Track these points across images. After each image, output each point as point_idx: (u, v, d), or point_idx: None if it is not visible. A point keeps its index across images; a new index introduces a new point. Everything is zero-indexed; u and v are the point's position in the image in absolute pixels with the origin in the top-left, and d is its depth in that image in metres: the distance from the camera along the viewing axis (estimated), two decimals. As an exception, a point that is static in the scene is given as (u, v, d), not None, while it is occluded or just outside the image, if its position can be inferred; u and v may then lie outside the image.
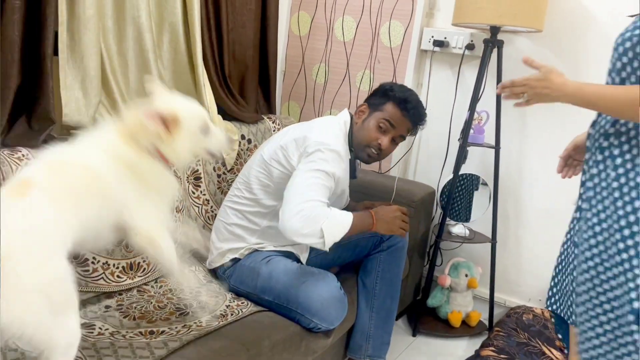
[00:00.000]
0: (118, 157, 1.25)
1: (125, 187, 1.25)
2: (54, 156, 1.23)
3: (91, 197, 1.21)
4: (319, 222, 1.57)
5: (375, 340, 1.91)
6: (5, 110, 1.51)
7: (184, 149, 1.33)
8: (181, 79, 2.10)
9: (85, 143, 1.28)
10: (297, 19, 2.76)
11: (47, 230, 1.10)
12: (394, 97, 1.80)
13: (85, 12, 1.66)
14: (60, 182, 1.17)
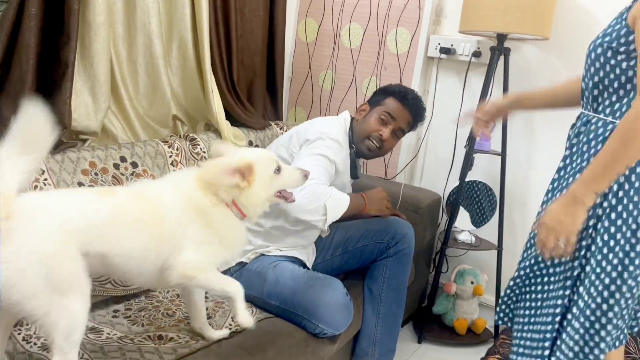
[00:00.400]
0: (191, 201, 1.32)
1: (186, 230, 1.31)
2: (139, 186, 1.38)
3: (144, 232, 1.27)
4: (322, 199, 1.66)
5: (381, 346, 1.91)
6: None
7: (260, 195, 1.38)
8: (190, 86, 2.11)
9: (165, 182, 1.39)
10: (304, 25, 2.77)
11: (81, 225, 1.18)
12: (394, 92, 1.90)
13: (96, 18, 1.68)
14: (126, 207, 1.27)
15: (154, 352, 1.39)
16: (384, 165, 2.62)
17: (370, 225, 1.96)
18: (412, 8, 2.47)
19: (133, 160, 1.78)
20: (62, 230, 1.14)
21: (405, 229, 1.93)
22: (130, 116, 1.94)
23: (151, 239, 1.28)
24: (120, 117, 1.92)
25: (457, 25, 2.22)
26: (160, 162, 1.86)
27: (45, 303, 1.10)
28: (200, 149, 2.04)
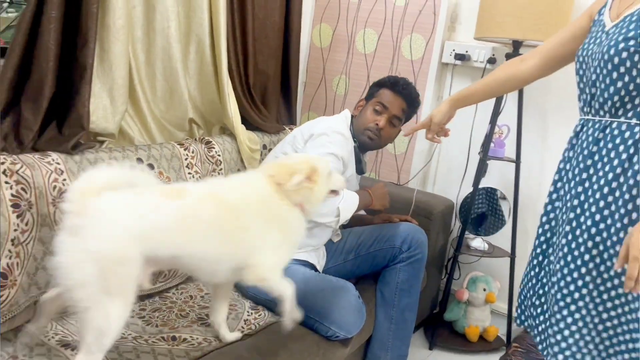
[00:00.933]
0: (269, 205, 1.38)
1: (266, 236, 1.36)
2: (210, 186, 1.40)
3: (220, 236, 1.31)
4: (336, 202, 1.72)
5: (393, 351, 1.91)
6: (38, 117, 1.55)
7: (320, 195, 1.47)
8: (206, 89, 2.13)
9: (239, 184, 1.42)
10: (318, 31, 2.79)
11: (145, 230, 1.22)
12: (385, 82, 1.98)
13: (116, 22, 1.70)
14: (198, 210, 1.30)
15: (167, 355, 1.40)
16: (396, 170, 2.62)
17: (383, 230, 1.96)
18: (427, 14, 2.48)
19: (149, 162, 1.80)
20: (125, 236, 1.19)
21: (418, 234, 1.94)
22: (147, 119, 1.96)
23: (227, 243, 1.32)
24: (137, 119, 1.95)
25: (472, 32, 2.23)
26: (176, 165, 1.87)
27: (89, 298, 1.15)
28: (216, 152, 2.05)
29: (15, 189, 1.44)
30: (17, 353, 1.34)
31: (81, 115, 1.61)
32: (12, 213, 1.42)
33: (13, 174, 1.44)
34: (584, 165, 1.34)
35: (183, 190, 1.34)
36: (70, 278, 1.16)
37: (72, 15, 1.60)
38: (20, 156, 1.49)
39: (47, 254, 1.50)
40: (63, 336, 1.44)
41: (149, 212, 1.25)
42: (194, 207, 1.30)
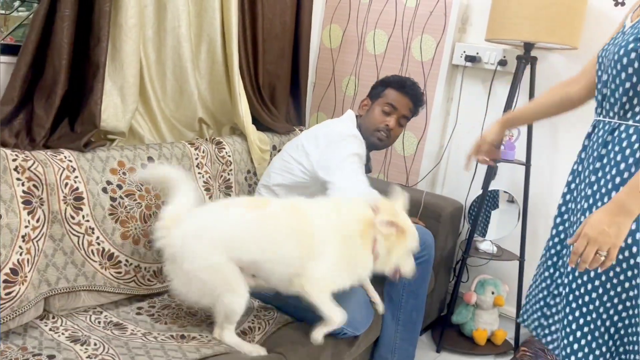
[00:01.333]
0: (343, 225, 1.48)
1: (327, 248, 1.46)
2: (293, 201, 1.55)
3: (288, 241, 1.46)
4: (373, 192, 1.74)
5: (400, 353, 1.90)
6: (50, 114, 1.56)
7: (393, 255, 1.52)
8: (217, 89, 2.14)
9: (323, 205, 1.54)
10: (328, 31, 2.79)
11: (228, 240, 1.45)
12: (391, 82, 1.98)
13: (128, 21, 1.71)
14: (277, 218, 1.48)
15: (177, 350, 1.40)
16: (405, 172, 2.62)
17: (391, 232, 1.95)
18: (438, 15, 2.47)
19: (160, 161, 1.80)
20: (209, 249, 1.43)
21: (425, 236, 1.92)
22: (157, 118, 1.97)
23: (297, 246, 1.45)
24: (147, 118, 1.96)
25: (483, 34, 2.22)
26: (186, 164, 1.88)
27: (211, 299, 1.45)
28: (226, 152, 2.06)
29: (27, 186, 1.45)
30: (27, 345, 1.35)
31: (93, 113, 1.62)
32: (23, 210, 1.44)
33: (25, 171, 1.46)
34: (594, 167, 1.33)
35: (265, 203, 1.55)
36: (188, 296, 1.46)
37: (85, 14, 1.62)
38: (32, 153, 1.50)
39: (58, 251, 1.51)
40: (73, 332, 1.45)
41: (232, 223, 1.47)
42: (274, 214, 1.48)
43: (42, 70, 1.58)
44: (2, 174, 1.41)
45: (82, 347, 1.36)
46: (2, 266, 1.35)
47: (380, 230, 1.48)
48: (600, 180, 1.30)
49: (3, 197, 1.40)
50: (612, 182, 1.27)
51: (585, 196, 1.33)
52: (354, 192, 1.72)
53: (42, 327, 1.45)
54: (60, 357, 1.31)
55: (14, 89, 1.52)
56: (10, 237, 1.38)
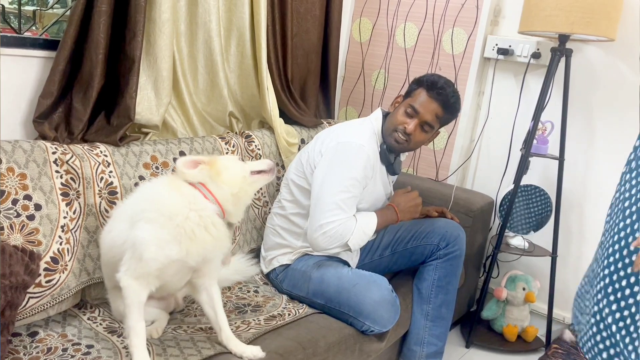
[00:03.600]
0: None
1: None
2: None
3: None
4: (344, 239, 1.70)
5: (429, 347, 1.90)
6: (87, 108, 1.60)
7: (226, 186, 1.38)
8: (246, 83, 2.16)
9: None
10: (358, 25, 2.78)
11: None
12: (424, 81, 1.81)
13: (161, 16, 1.74)
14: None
15: (206, 341, 1.43)
16: (435, 166, 2.60)
17: (421, 226, 1.94)
18: (470, 8, 2.43)
19: (192, 155, 1.83)
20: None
21: (456, 231, 1.91)
22: (189, 111, 1.99)
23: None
24: (180, 111, 1.98)
25: (515, 26, 2.18)
26: (217, 157, 1.90)
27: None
28: (255, 146, 2.08)
29: (65, 178, 1.50)
30: (67, 333, 1.40)
31: (129, 107, 1.65)
32: (62, 201, 1.48)
33: (63, 164, 1.50)
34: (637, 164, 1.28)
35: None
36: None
37: (121, 9, 1.65)
38: (70, 146, 1.54)
39: (92, 242, 1.55)
40: (110, 322, 1.48)
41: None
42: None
43: (79, 65, 1.62)
44: (42, 166, 1.45)
45: (119, 339, 1.39)
46: (43, 255, 1.39)
47: (192, 175, 1.35)
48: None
49: (43, 188, 1.44)
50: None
51: (622, 190, 1.29)
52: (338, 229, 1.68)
53: (80, 316, 1.49)
54: (98, 346, 1.35)
55: (53, 83, 1.56)
56: (50, 227, 1.43)
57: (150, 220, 1.29)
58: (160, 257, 1.27)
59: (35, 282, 1.35)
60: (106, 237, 1.40)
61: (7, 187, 1.38)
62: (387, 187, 1.93)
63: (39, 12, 1.85)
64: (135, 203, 1.37)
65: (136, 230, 1.29)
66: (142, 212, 1.31)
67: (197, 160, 1.36)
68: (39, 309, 1.41)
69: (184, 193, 1.33)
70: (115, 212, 1.43)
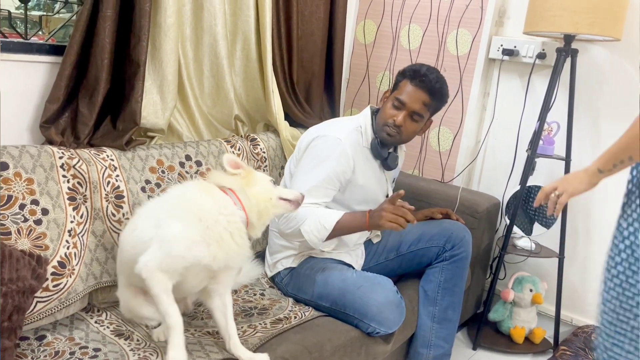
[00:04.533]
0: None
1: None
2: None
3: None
4: (298, 223, 1.65)
5: (436, 350, 1.89)
6: (93, 112, 1.61)
7: (255, 199, 1.41)
8: (251, 86, 2.16)
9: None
10: (362, 27, 2.78)
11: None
12: (406, 72, 1.80)
13: (167, 20, 1.75)
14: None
15: (214, 345, 1.43)
16: (441, 168, 2.59)
17: (426, 228, 1.94)
18: (474, 9, 2.43)
19: (197, 159, 1.84)
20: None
21: (462, 232, 1.90)
22: (195, 115, 2.00)
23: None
24: (185, 115, 1.99)
25: (520, 26, 2.17)
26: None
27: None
28: (261, 149, 2.08)
29: (72, 183, 1.50)
30: (74, 336, 1.40)
31: (134, 111, 1.66)
32: (69, 205, 1.49)
33: (70, 168, 1.51)
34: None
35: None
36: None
37: (126, 14, 1.66)
38: (77, 151, 1.55)
39: (99, 246, 1.56)
40: (117, 326, 1.49)
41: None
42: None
43: (85, 70, 1.63)
44: (49, 170, 1.46)
45: (126, 342, 1.40)
46: (50, 259, 1.40)
47: (228, 177, 1.39)
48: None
49: (50, 193, 1.45)
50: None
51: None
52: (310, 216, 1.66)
53: (87, 320, 1.50)
54: (105, 350, 1.35)
55: (59, 88, 1.57)
56: (57, 232, 1.44)
57: (180, 219, 1.30)
58: (188, 257, 1.28)
59: (42, 287, 1.36)
60: (129, 235, 1.40)
61: (15, 192, 1.39)
62: (382, 184, 1.92)
63: (45, 17, 1.86)
64: (165, 203, 1.38)
65: (166, 226, 1.30)
66: (173, 210, 1.33)
67: (239, 164, 1.40)
68: (47, 313, 1.42)
69: (215, 197, 1.35)
70: (140, 210, 1.43)
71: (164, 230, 1.29)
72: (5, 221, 1.36)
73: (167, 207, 1.35)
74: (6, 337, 1.19)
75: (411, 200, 2.19)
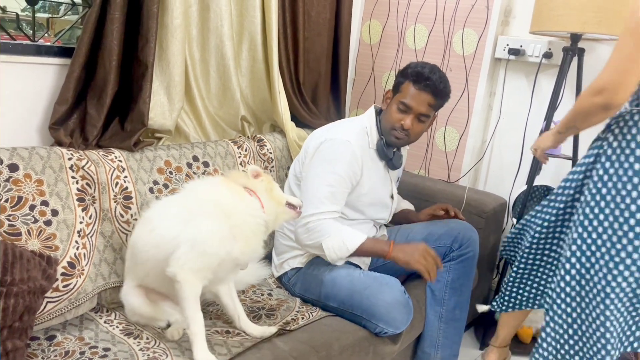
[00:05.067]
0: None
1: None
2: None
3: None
4: (321, 237, 1.67)
5: (443, 350, 1.89)
6: (102, 114, 1.62)
7: (273, 208, 1.49)
8: (258, 87, 2.17)
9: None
10: (368, 27, 2.78)
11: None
12: (409, 74, 1.79)
13: (173, 21, 1.76)
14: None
15: (223, 345, 1.44)
16: (447, 168, 2.59)
17: (433, 228, 1.94)
18: (480, 9, 2.43)
19: (205, 159, 1.84)
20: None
21: (469, 232, 1.90)
22: (202, 116, 2.01)
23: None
24: (192, 116, 2.00)
25: (526, 26, 2.17)
26: (230, 162, 1.92)
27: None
28: (267, 149, 2.09)
29: (81, 184, 1.52)
30: (84, 336, 1.41)
31: (142, 112, 1.67)
32: (78, 206, 1.50)
33: (79, 170, 1.52)
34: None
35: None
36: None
37: (134, 16, 1.67)
38: (86, 152, 1.56)
39: (107, 247, 1.57)
40: (126, 325, 1.50)
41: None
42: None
43: (94, 72, 1.64)
44: (58, 172, 1.47)
45: (135, 341, 1.41)
46: (60, 260, 1.41)
47: (254, 182, 1.46)
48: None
49: (60, 194, 1.46)
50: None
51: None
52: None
53: (97, 320, 1.50)
54: (115, 349, 1.36)
55: (68, 90, 1.58)
56: (67, 232, 1.45)
57: (210, 216, 1.35)
58: (222, 252, 1.34)
59: (52, 287, 1.37)
60: (148, 236, 1.41)
61: (25, 193, 1.40)
62: (386, 184, 1.93)
63: (51, 19, 1.87)
64: (189, 200, 1.42)
65: (195, 225, 1.34)
66: (200, 208, 1.37)
67: (260, 172, 1.48)
68: (57, 313, 1.43)
69: (244, 198, 1.41)
70: (154, 210, 1.46)
71: (194, 229, 1.34)
72: (16, 222, 1.37)
73: (193, 205, 1.39)
74: (17, 337, 1.20)
75: (417, 201, 2.20)
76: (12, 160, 1.41)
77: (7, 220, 1.36)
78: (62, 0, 1.82)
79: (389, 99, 1.86)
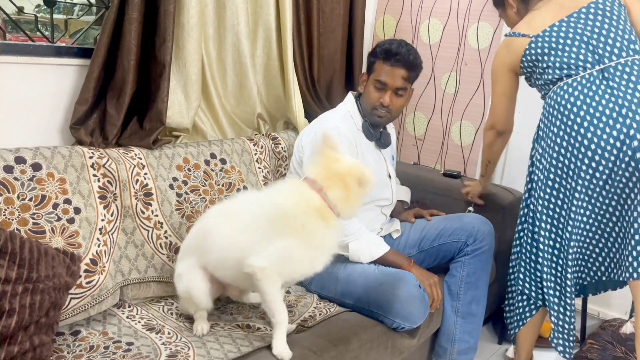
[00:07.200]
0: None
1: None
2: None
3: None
4: (347, 239, 1.74)
5: (460, 344, 1.89)
6: (121, 113, 1.65)
7: (351, 199, 1.47)
8: (272, 84, 2.18)
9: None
10: (382, 22, 2.78)
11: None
12: (378, 53, 1.85)
13: (189, 20, 1.77)
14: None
15: (244, 339, 1.46)
16: (463, 162, 2.58)
17: (447, 223, 1.94)
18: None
19: (222, 157, 1.86)
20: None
21: (483, 226, 1.91)
22: (219, 114, 2.03)
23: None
24: (209, 114, 2.02)
25: (543, 18, 2.15)
26: (246, 159, 1.93)
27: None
28: (282, 148, 2.10)
29: (102, 182, 1.54)
30: (107, 331, 1.44)
31: (160, 111, 1.69)
32: (99, 204, 1.53)
33: (100, 168, 1.54)
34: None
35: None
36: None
37: (151, 16, 1.68)
38: (106, 150, 1.59)
39: (129, 244, 1.60)
40: (148, 320, 1.53)
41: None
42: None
43: (113, 71, 1.66)
44: (80, 170, 1.50)
45: (157, 335, 1.43)
46: (82, 257, 1.44)
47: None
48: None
49: (82, 192, 1.49)
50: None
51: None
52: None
53: (119, 315, 1.53)
54: (138, 343, 1.39)
55: (88, 90, 1.61)
56: (89, 230, 1.47)
57: (289, 235, 1.37)
58: (309, 272, 1.43)
59: (76, 284, 1.40)
60: (233, 236, 1.42)
61: (48, 192, 1.43)
62: (380, 163, 1.96)
63: (67, 20, 1.90)
64: (277, 216, 1.40)
65: (279, 239, 1.37)
66: (279, 224, 1.38)
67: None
68: (80, 309, 1.46)
69: (324, 214, 1.40)
70: (240, 210, 1.47)
71: (278, 243, 1.36)
72: (40, 220, 1.41)
73: (273, 219, 1.39)
74: (44, 332, 1.23)
75: (433, 195, 2.20)
76: (35, 160, 1.44)
77: (31, 218, 1.39)
78: (79, 2, 1.85)
79: (364, 81, 1.92)
